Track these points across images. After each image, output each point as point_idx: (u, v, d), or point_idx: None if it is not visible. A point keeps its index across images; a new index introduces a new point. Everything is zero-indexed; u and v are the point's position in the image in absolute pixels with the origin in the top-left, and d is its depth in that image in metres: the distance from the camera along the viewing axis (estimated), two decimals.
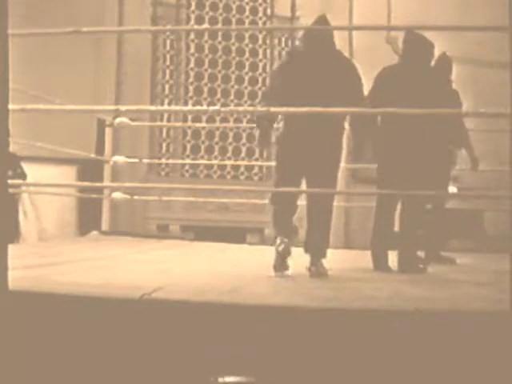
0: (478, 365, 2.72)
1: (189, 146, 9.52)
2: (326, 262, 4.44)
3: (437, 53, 5.46)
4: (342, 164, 5.08)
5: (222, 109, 8.77)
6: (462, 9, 8.93)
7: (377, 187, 5.08)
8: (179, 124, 9.33)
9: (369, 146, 4.99)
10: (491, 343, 2.71)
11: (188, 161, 9.38)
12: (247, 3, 9.69)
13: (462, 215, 8.08)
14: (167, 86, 9.49)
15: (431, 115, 4.51)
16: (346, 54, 4.72)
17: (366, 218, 5.16)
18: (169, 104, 9.37)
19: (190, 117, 9.39)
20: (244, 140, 9.60)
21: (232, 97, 9.60)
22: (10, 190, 3.31)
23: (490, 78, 8.48)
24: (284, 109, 4.21)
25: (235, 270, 4.68)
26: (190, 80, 9.56)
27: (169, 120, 9.37)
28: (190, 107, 9.32)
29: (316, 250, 4.47)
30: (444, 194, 6.10)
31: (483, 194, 7.10)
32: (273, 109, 4.17)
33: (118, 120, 7.19)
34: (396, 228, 5.04)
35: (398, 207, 5.02)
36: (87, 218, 7.95)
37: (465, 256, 6.49)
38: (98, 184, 7.15)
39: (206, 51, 9.61)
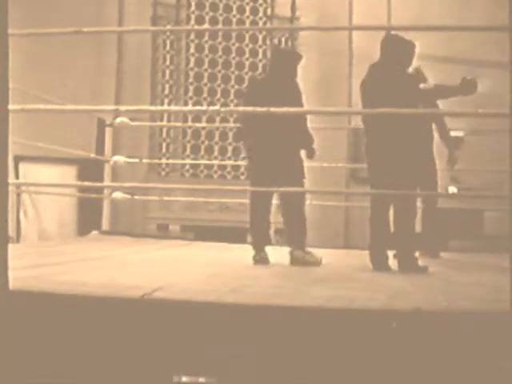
0: (477, 365, 2.72)
1: (189, 146, 9.53)
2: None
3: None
4: (341, 164, 5.20)
5: (222, 109, 8.78)
6: (461, 9, 8.93)
7: (370, 187, 5.12)
8: (179, 124, 9.34)
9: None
10: (491, 343, 2.71)
11: (188, 161, 9.38)
12: (247, 3, 9.70)
13: (461, 215, 8.08)
14: (167, 86, 9.50)
15: (419, 115, 4.58)
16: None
17: (365, 217, 5.17)
18: (169, 104, 9.38)
19: (190, 117, 9.40)
20: None
21: (232, 97, 9.61)
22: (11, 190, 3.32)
23: (490, 77, 8.48)
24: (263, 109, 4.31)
25: (235, 270, 4.68)
26: (190, 80, 9.57)
27: (169, 120, 9.38)
28: (190, 107, 9.32)
29: (293, 241, 5.19)
30: (443, 194, 6.10)
31: (483, 194, 7.11)
32: (272, 109, 4.19)
33: (118, 120, 7.20)
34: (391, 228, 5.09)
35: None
36: (87, 218, 7.96)
37: (465, 256, 6.50)
38: (98, 184, 7.16)
39: (206, 51, 9.61)
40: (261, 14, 9.71)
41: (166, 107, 9.26)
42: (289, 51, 5.43)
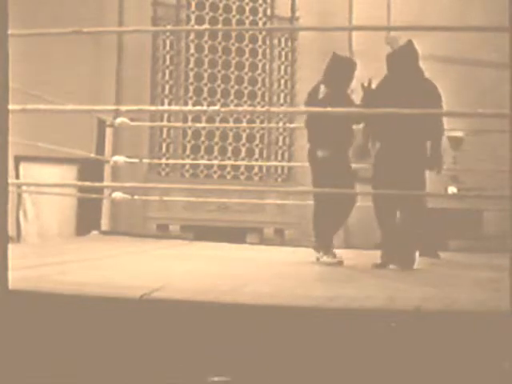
0: (477, 365, 2.72)
1: (189, 146, 9.53)
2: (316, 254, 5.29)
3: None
4: None
5: (222, 109, 8.78)
6: (461, 8, 8.93)
7: (372, 187, 5.14)
8: (179, 124, 9.34)
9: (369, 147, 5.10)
10: (491, 343, 2.71)
11: (188, 161, 9.39)
12: (247, 4, 9.70)
13: (461, 215, 8.08)
14: (167, 87, 9.50)
15: (424, 115, 4.61)
16: None
17: (365, 217, 5.18)
18: (169, 104, 9.38)
19: (190, 117, 9.40)
20: (244, 140, 9.61)
21: (232, 97, 9.61)
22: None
23: (490, 78, 8.48)
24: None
25: (235, 269, 4.68)
26: (190, 80, 9.57)
27: (169, 120, 9.38)
28: (190, 107, 9.32)
29: (315, 240, 5.41)
30: (443, 195, 6.10)
31: (483, 194, 7.11)
32: (272, 109, 4.20)
33: (118, 120, 7.19)
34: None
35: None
36: (87, 218, 7.96)
37: (464, 256, 6.50)
38: (98, 184, 7.15)
39: (206, 51, 9.61)
40: (260, 15, 9.71)
41: (166, 107, 9.26)
42: (346, 58, 5.56)
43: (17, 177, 8.31)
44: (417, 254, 5.09)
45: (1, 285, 2.86)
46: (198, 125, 9.20)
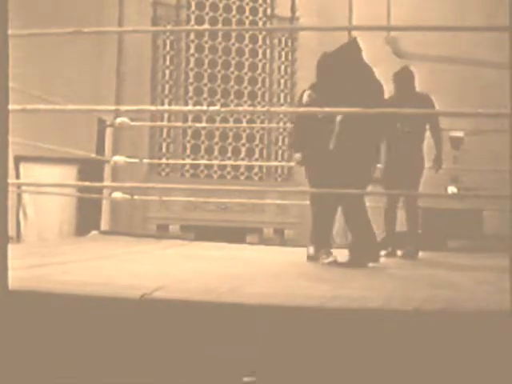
0: (477, 365, 2.72)
1: (189, 146, 9.53)
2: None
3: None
4: None
5: (222, 109, 8.80)
6: (460, 8, 8.94)
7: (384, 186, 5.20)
8: (179, 124, 9.35)
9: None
10: (491, 343, 2.71)
11: (188, 161, 9.40)
12: (247, 4, 9.70)
13: (461, 215, 8.09)
14: (167, 86, 9.51)
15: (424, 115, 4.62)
16: None
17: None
18: (169, 104, 9.39)
19: (190, 117, 9.41)
20: (244, 140, 9.61)
21: (232, 97, 9.61)
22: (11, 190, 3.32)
23: (490, 77, 8.48)
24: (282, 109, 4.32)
25: (235, 269, 4.68)
26: (190, 80, 9.57)
27: (169, 120, 9.40)
28: (190, 107, 9.34)
29: (314, 239, 5.46)
30: (442, 195, 6.10)
31: (483, 194, 7.11)
32: (273, 109, 4.21)
33: (118, 120, 7.19)
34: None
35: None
36: (87, 218, 7.96)
37: (464, 255, 6.50)
38: (98, 184, 7.15)
39: (206, 51, 9.62)
40: (260, 15, 9.72)
41: (166, 107, 9.27)
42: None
43: (17, 177, 8.31)
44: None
45: (1, 285, 2.87)
46: (198, 125, 9.22)
